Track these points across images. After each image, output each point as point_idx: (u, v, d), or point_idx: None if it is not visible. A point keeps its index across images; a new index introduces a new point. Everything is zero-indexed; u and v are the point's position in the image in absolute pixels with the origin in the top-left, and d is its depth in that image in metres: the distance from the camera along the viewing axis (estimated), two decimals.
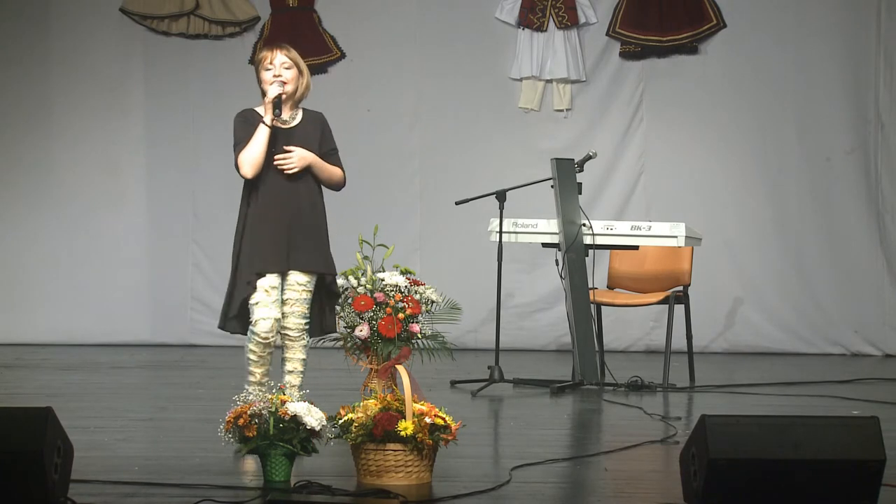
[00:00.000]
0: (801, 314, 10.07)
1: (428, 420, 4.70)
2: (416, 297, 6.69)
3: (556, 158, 7.94)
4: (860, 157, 10.04)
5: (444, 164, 10.26)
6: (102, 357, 9.41)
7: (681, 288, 8.14)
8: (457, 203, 8.29)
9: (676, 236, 7.71)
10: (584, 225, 7.79)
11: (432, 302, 6.77)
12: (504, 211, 7.90)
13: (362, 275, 6.67)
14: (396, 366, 4.88)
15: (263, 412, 4.75)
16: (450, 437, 4.78)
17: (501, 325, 8.01)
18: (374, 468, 4.70)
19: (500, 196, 7.92)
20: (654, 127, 10.24)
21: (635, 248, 7.97)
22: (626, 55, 10.23)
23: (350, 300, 6.61)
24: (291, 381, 5.75)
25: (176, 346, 10.19)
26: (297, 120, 5.80)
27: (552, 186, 7.88)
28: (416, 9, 10.32)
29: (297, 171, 5.69)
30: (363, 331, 6.54)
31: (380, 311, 6.57)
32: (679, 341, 8.12)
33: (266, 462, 4.75)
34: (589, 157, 7.99)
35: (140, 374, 8.72)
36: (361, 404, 4.80)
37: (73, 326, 10.21)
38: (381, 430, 4.66)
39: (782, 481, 4.13)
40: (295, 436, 4.73)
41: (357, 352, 6.65)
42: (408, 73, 10.32)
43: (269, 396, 4.82)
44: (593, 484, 4.97)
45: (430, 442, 4.70)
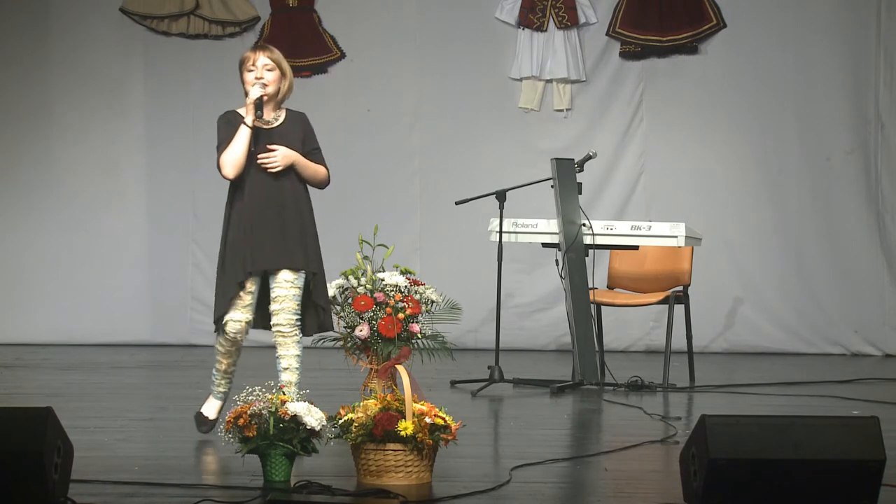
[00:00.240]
0: (801, 314, 10.06)
1: (428, 420, 4.70)
2: (416, 297, 6.69)
3: (556, 158, 7.94)
4: (860, 157, 10.03)
5: (444, 164, 10.25)
6: (102, 357, 9.40)
7: (681, 288, 8.14)
8: (457, 203, 8.29)
9: (676, 236, 7.71)
10: (584, 225, 7.79)
11: (432, 302, 6.77)
12: (504, 211, 7.90)
13: (362, 275, 6.67)
14: (396, 366, 4.88)
15: (263, 412, 4.75)
16: (450, 437, 4.78)
17: (501, 325, 8.01)
18: (374, 468, 4.70)
19: (500, 196, 7.92)
20: (654, 127, 10.23)
21: (635, 248, 7.97)
22: (626, 55, 10.22)
23: (350, 300, 6.61)
24: (289, 379, 5.71)
25: (176, 346, 10.18)
26: (280, 120, 5.83)
27: (552, 186, 7.88)
28: (416, 9, 10.32)
29: (280, 169, 5.71)
30: (363, 331, 6.54)
31: (380, 311, 6.57)
32: (679, 341, 8.12)
33: (266, 462, 4.74)
34: (589, 157, 7.99)
35: (140, 374, 8.72)
36: (361, 404, 4.80)
37: (73, 326, 10.20)
38: (381, 430, 4.66)
39: (782, 481, 4.12)
40: (295, 436, 4.73)
41: (357, 352, 6.65)
42: (408, 73, 10.32)
43: (269, 396, 4.82)
44: (593, 484, 4.97)
45: (430, 442, 4.70)
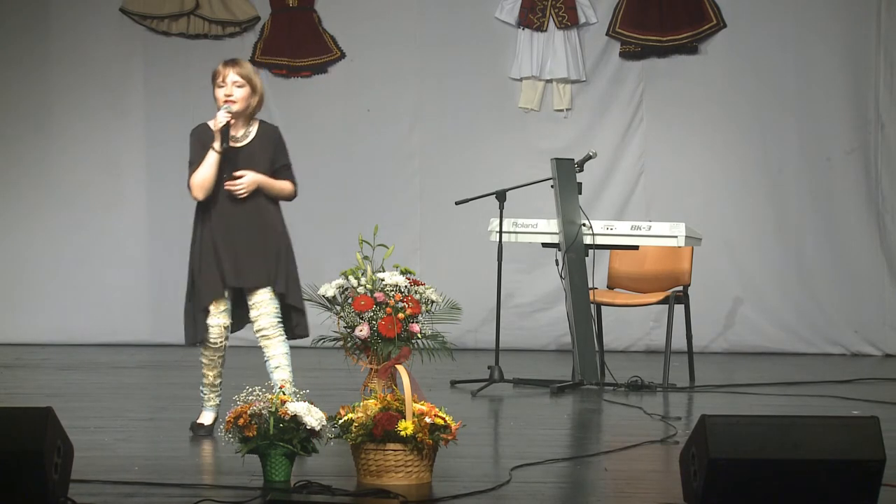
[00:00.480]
0: (801, 314, 10.06)
1: (428, 420, 4.70)
2: (416, 297, 6.68)
3: (556, 158, 7.94)
4: (860, 157, 10.03)
5: (444, 164, 10.25)
6: (102, 357, 9.40)
7: (681, 288, 8.14)
8: (457, 203, 8.29)
9: (676, 236, 7.71)
10: (584, 225, 7.79)
11: (432, 302, 6.76)
12: (504, 211, 7.90)
13: (362, 275, 6.67)
14: (396, 366, 4.88)
15: (263, 412, 4.75)
16: (450, 437, 4.78)
17: (501, 324, 8.01)
18: (374, 468, 4.70)
19: (500, 196, 7.92)
20: (654, 127, 10.23)
21: (635, 248, 7.97)
22: (626, 55, 10.22)
23: (350, 300, 6.61)
24: (281, 377, 5.75)
25: (176, 346, 10.13)
26: (250, 137, 5.98)
27: (552, 186, 7.88)
28: (417, 9, 10.31)
29: (246, 195, 5.85)
30: (363, 331, 6.54)
31: (380, 311, 6.56)
32: (679, 341, 8.12)
33: (266, 462, 4.74)
34: (589, 157, 7.99)
35: (140, 374, 8.72)
36: (361, 404, 4.80)
37: (73, 326, 10.20)
38: (381, 430, 4.66)
39: (782, 481, 4.12)
40: (295, 436, 4.73)
41: (357, 352, 6.65)
42: (408, 73, 10.31)
43: (269, 396, 4.82)
44: (593, 484, 4.97)
45: (430, 442, 4.70)
